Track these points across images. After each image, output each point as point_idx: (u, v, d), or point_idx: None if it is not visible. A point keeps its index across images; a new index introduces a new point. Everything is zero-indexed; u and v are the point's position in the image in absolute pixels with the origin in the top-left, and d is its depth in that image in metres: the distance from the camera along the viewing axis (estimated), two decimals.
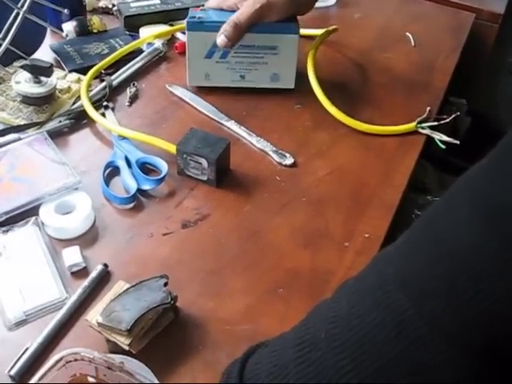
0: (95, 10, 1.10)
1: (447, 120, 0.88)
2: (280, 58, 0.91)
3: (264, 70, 0.92)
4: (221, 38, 0.87)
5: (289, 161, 0.83)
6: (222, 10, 0.91)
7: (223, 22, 0.87)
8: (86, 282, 0.67)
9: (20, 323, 0.64)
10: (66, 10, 0.99)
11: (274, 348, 0.49)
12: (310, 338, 0.45)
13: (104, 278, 0.68)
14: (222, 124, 0.88)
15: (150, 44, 1.01)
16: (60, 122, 0.86)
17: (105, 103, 0.90)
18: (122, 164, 0.81)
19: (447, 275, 0.38)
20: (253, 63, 0.92)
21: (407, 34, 1.10)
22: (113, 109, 0.90)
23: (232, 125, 0.88)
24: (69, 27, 1.01)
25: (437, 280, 0.39)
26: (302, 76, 0.95)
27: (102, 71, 0.95)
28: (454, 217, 0.40)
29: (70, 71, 0.95)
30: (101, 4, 1.10)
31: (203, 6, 0.93)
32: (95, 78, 0.93)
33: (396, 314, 0.40)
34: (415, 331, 0.39)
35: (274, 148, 0.84)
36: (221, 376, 0.53)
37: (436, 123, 0.88)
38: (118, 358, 0.55)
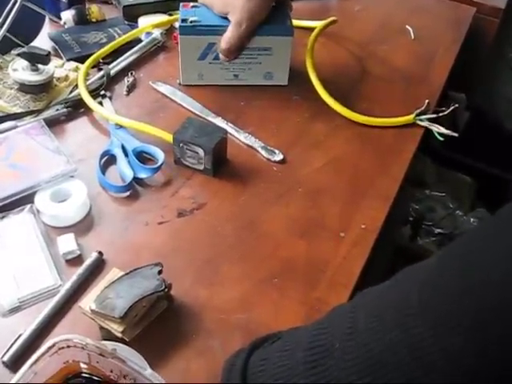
0: None
1: (446, 112, 0.87)
2: (274, 58, 0.91)
3: (258, 69, 0.92)
4: (223, 58, 0.89)
5: (278, 157, 0.82)
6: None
7: (216, 26, 0.87)
8: (80, 270, 0.67)
9: (14, 310, 0.64)
10: None
11: (284, 347, 0.48)
12: (324, 344, 0.44)
13: (98, 266, 0.68)
14: (208, 121, 0.87)
15: (148, 33, 1.00)
16: (57, 110, 0.86)
17: (102, 92, 0.90)
18: (118, 152, 0.80)
19: (474, 311, 0.37)
20: (246, 63, 0.91)
21: (407, 26, 1.09)
22: (110, 98, 0.90)
23: (219, 121, 0.86)
24: (67, 16, 1.01)
25: (463, 315, 0.38)
26: (300, 67, 0.94)
27: (100, 60, 0.94)
28: (496, 255, 0.39)
29: (68, 60, 0.95)
30: None
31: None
32: (93, 66, 0.93)
33: (413, 340, 0.39)
34: (433, 363, 0.38)
35: (263, 144, 0.84)
36: (224, 364, 0.53)
37: (435, 115, 0.88)
38: (110, 345, 0.55)
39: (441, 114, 0.88)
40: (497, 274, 0.37)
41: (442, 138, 0.86)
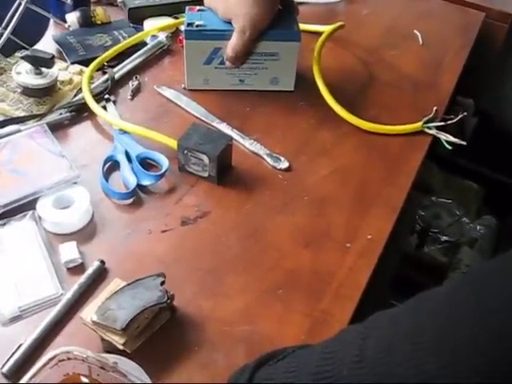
0: (99, 1, 1.08)
1: (454, 120, 0.86)
2: (280, 64, 0.90)
3: (264, 74, 0.91)
4: (229, 65, 0.89)
5: (283, 165, 0.81)
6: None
7: (222, 31, 0.86)
8: (82, 279, 0.66)
9: (15, 319, 0.63)
10: (69, 1, 0.98)
11: (290, 368, 0.47)
12: (331, 370, 0.43)
13: (100, 275, 0.67)
14: (213, 126, 0.86)
15: (153, 37, 0.99)
16: (61, 114, 0.85)
17: (106, 96, 0.89)
18: (122, 158, 0.79)
19: (494, 356, 0.36)
20: (252, 68, 0.90)
21: (415, 31, 1.08)
22: (114, 102, 0.89)
23: (224, 127, 0.85)
24: (72, 18, 1.00)
25: (480, 358, 0.37)
26: (306, 73, 0.93)
27: (105, 63, 0.93)
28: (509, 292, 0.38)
29: (73, 63, 0.94)
30: None
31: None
32: (97, 70, 0.92)
33: (425, 377, 0.38)
34: None
35: (268, 151, 0.82)
36: (227, 380, 0.52)
37: (443, 123, 0.87)
38: (111, 358, 0.54)
39: (449, 122, 0.86)
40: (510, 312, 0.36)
41: (450, 147, 0.84)
